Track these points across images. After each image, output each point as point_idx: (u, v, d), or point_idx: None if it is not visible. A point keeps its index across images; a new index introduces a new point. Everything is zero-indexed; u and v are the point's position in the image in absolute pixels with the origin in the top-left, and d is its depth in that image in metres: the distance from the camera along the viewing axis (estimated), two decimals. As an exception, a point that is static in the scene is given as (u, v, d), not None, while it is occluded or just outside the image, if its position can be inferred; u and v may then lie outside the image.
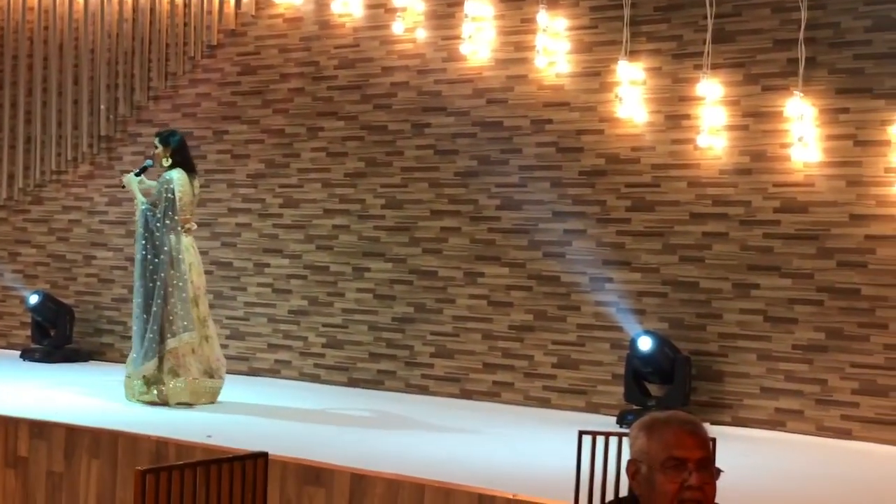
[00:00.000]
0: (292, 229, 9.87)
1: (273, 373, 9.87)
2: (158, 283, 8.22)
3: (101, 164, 11.00)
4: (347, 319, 9.56)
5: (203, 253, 10.22)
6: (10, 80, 11.54)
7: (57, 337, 10.58)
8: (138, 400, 8.21)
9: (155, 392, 8.20)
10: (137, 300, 8.35)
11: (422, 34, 9.27)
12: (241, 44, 10.23)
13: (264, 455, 4.13)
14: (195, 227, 8.57)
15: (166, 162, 8.43)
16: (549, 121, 8.73)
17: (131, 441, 6.87)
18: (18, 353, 10.77)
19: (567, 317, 8.63)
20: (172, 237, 8.28)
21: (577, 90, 8.63)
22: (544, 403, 8.63)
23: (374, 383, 9.37)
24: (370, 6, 9.55)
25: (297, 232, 9.84)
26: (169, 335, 8.17)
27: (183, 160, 8.47)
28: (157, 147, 8.53)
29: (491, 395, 8.87)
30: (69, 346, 10.55)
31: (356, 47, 9.62)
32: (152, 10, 10.65)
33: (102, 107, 10.93)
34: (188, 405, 8.12)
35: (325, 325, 9.67)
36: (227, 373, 9.84)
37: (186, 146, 8.59)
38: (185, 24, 10.48)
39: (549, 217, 8.72)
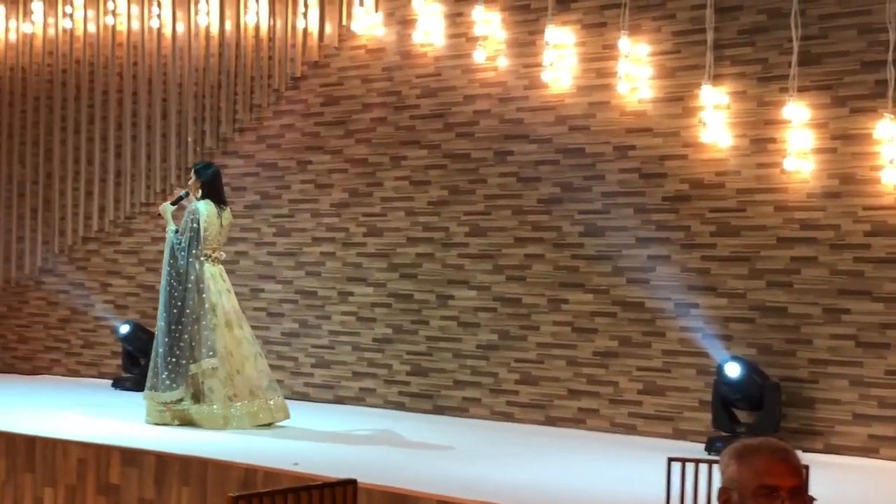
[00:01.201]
0: (376, 258, 9.93)
1: (358, 401, 9.91)
2: (187, 311, 8.41)
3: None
4: (432, 347, 9.58)
5: (287, 282, 10.38)
6: (101, 114, 11.79)
7: (147, 366, 10.71)
8: (155, 422, 8.39)
9: (168, 414, 8.41)
10: (160, 324, 8.56)
11: (503, 62, 9.30)
12: (325, 75, 10.35)
13: (353, 482, 4.15)
14: (223, 255, 8.77)
15: (197, 193, 8.65)
16: (632, 147, 8.70)
17: (220, 468, 6.95)
18: (110, 382, 10.95)
19: (652, 343, 8.56)
20: (196, 265, 8.48)
21: (660, 115, 8.59)
22: (630, 430, 8.57)
23: (459, 410, 9.37)
24: (451, 35, 9.61)
25: (381, 260, 9.90)
26: (192, 361, 8.34)
27: (212, 192, 8.67)
28: (190, 178, 8.82)
29: (576, 421, 8.82)
30: (158, 375, 10.69)
31: (438, 76, 9.68)
32: (238, 44, 10.83)
33: (190, 139, 11.12)
34: (221, 428, 8.26)
35: (409, 353, 9.70)
36: (314, 401, 9.99)
37: (219, 179, 8.80)
38: (270, 58, 10.63)
39: (632, 243, 8.68)
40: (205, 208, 8.55)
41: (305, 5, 10.39)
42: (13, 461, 7.83)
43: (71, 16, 12.01)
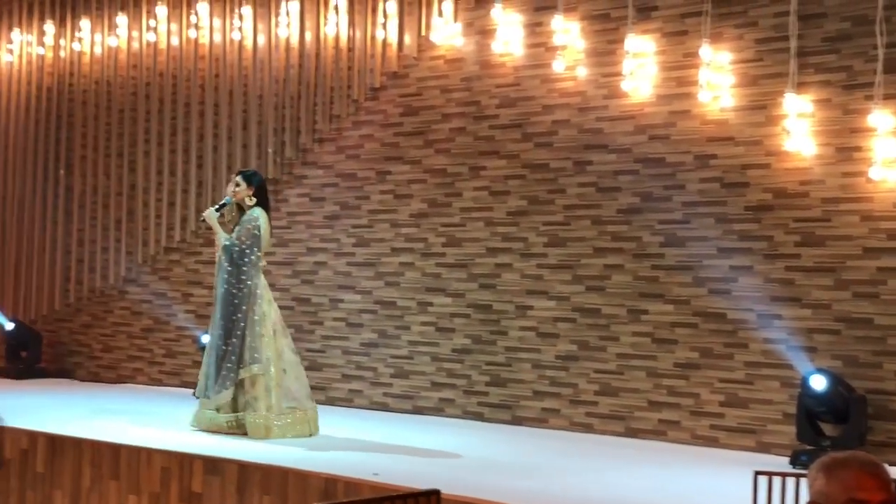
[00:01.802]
0: (455, 268, 9.93)
1: (437, 411, 9.91)
2: (240, 316, 8.48)
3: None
4: (511, 357, 9.55)
5: (366, 292, 10.42)
6: (183, 126, 11.94)
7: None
8: (205, 429, 8.47)
9: (228, 420, 8.48)
10: (216, 332, 8.58)
11: (582, 72, 9.26)
12: (404, 85, 10.38)
13: (436, 493, 4.14)
14: (265, 264, 8.83)
15: (250, 201, 8.65)
16: (714, 156, 8.61)
17: (301, 478, 6.99)
18: (191, 391, 11.04)
19: (734, 354, 8.46)
20: (254, 273, 8.56)
21: (742, 124, 8.49)
22: (712, 442, 8.47)
23: (538, 421, 9.33)
24: (531, 45, 9.59)
25: (460, 271, 9.89)
26: (241, 367, 8.44)
27: (264, 199, 8.74)
28: (238, 185, 8.71)
29: (657, 433, 8.74)
30: (239, 384, 10.78)
31: (517, 86, 9.66)
32: (318, 55, 10.90)
33: (270, 150, 11.21)
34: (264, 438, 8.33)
35: (488, 364, 9.68)
36: (393, 411, 10.03)
37: (266, 186, 8.90)
38: (349, 68, 10.70)
39: (714, 253, 8.58)
40: (262, 216, 8.62)
41: (385, 16, 10.44)
42: (98, 469, 7.96)
43: (155, 29, 12.19)
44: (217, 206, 8.83)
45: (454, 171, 9.98)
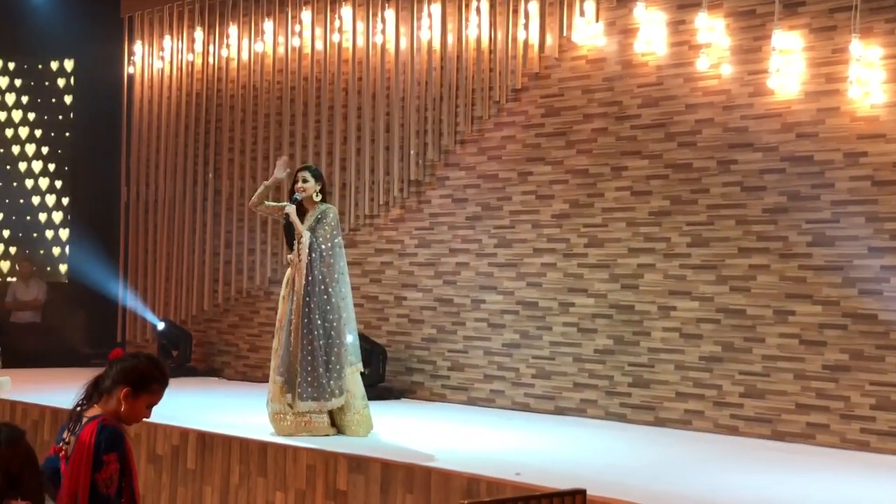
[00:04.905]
0: (597, 268, 9.88)
1: (579, 412, 9.88)
2: (337, 317, 8.38)
3: (410, 208, 11.37)
4: (653, 359, 9.46)
5: (508, 293, 10.44)
6: (327, 129, 12.13)
7: (371, 375, 10.94)
8: (289, 433, 8.28)
9: (326, 421, 8.41)
10: (320, 331, 8.33)
11: (727, 70, 9.12)
12: (545, 86, 10.37)
13: (582, 493, 4.14)
14: None
15: (317, 196, 8.58)
16: (864, 153, 8.40)
17: (443, 477, 7.03)
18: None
19: (886, 356, 8.23)
20: (346, 271, 8.58)
21: (894, 120, 8.26)
22: (863, 446, 8.26)
23: (681, 423, 9.22)
24: (674, 44, 9.48)
25: (602, 271, 9.84)
26: (348, 365, 8.44)
27: (327, 195, 8.76)
28: (307, 181, 8.56)
29: (805, 436, 8.56)
30: (381, 384, 10.91)
31: (659, 85, 9.56)
32: (459, 57, 10.96)
33: (412, 152, 11.31)
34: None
35: (630, 365, 9.60)
36: (534, 411, 10.07)
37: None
38: (491, 70, 10.73)
39: (864, 253, 8.37)
40: (335, 211, 8.68)
41: (526, 17, 10.44)
42: (247, 466, 8.13)
43: (300, 34, 12.42)
44: (292, 201, 8.60)
45: (596, 172, 9.93)
